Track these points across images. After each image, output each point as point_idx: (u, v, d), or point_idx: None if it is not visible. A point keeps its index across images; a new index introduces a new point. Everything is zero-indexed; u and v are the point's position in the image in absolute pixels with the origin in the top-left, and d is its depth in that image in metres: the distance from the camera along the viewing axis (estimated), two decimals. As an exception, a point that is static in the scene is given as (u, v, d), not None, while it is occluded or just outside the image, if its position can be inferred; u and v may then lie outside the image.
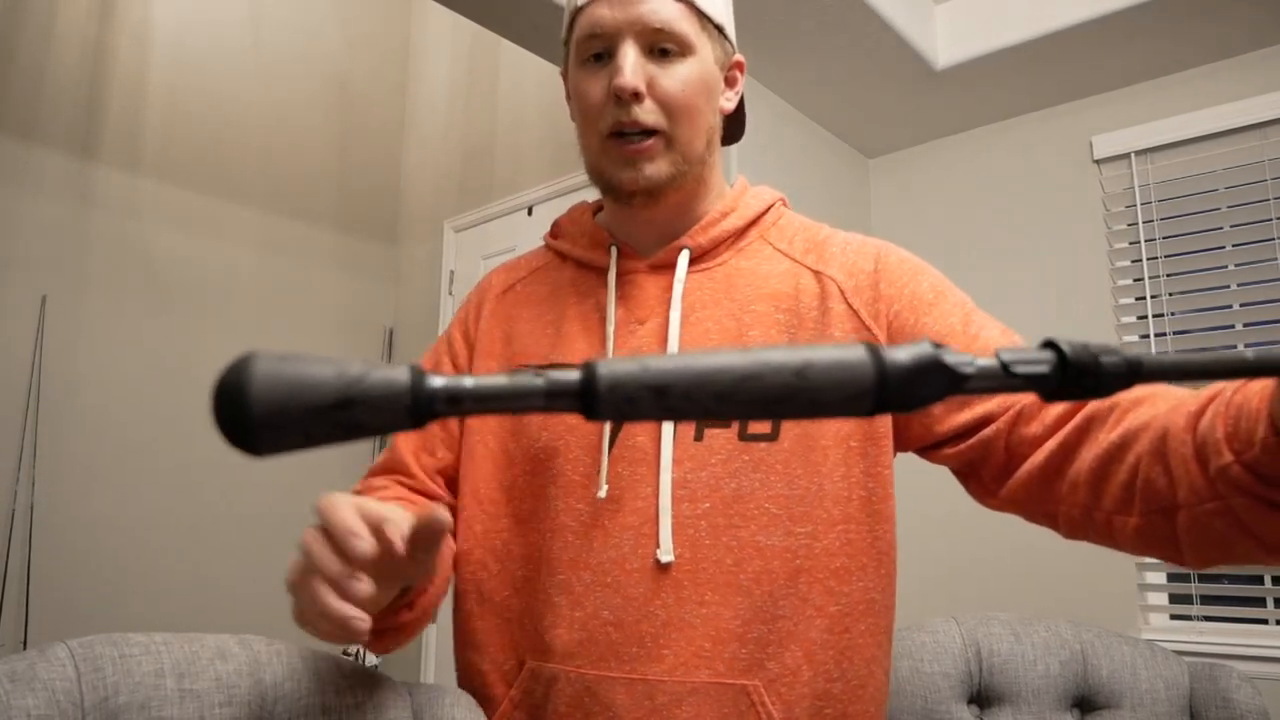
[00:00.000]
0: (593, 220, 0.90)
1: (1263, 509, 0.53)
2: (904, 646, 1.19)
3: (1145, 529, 0.62)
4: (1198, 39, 2.31)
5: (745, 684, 0.73)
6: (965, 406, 0.76)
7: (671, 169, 0.79)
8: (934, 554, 2.60)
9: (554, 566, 0.77)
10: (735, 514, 0.75)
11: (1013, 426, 0.72)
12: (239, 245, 3.22)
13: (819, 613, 0.75)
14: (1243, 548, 0.57)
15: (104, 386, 2.83)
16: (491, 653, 0.81)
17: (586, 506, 0.77)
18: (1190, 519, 0.58)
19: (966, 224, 2.81)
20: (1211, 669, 1.22)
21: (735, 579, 0.74)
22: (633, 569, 0.75)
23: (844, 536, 0.77)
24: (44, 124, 2.78)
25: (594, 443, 0.78)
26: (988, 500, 0.77)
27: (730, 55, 0.85)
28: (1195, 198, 2.40)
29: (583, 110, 0.81)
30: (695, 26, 0.79)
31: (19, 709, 0.59)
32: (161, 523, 2.90)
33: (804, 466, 0.77)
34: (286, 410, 0.25)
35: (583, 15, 0.79)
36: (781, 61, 2.43)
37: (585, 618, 0.75)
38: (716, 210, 0.86)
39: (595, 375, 0.27)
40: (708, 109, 0.81)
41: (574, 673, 0.74)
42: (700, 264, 0.84)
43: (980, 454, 0.75)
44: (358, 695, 0.76)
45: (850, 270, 0.83)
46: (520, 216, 3.21)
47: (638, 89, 0.76)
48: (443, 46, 3.70)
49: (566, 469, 0.79)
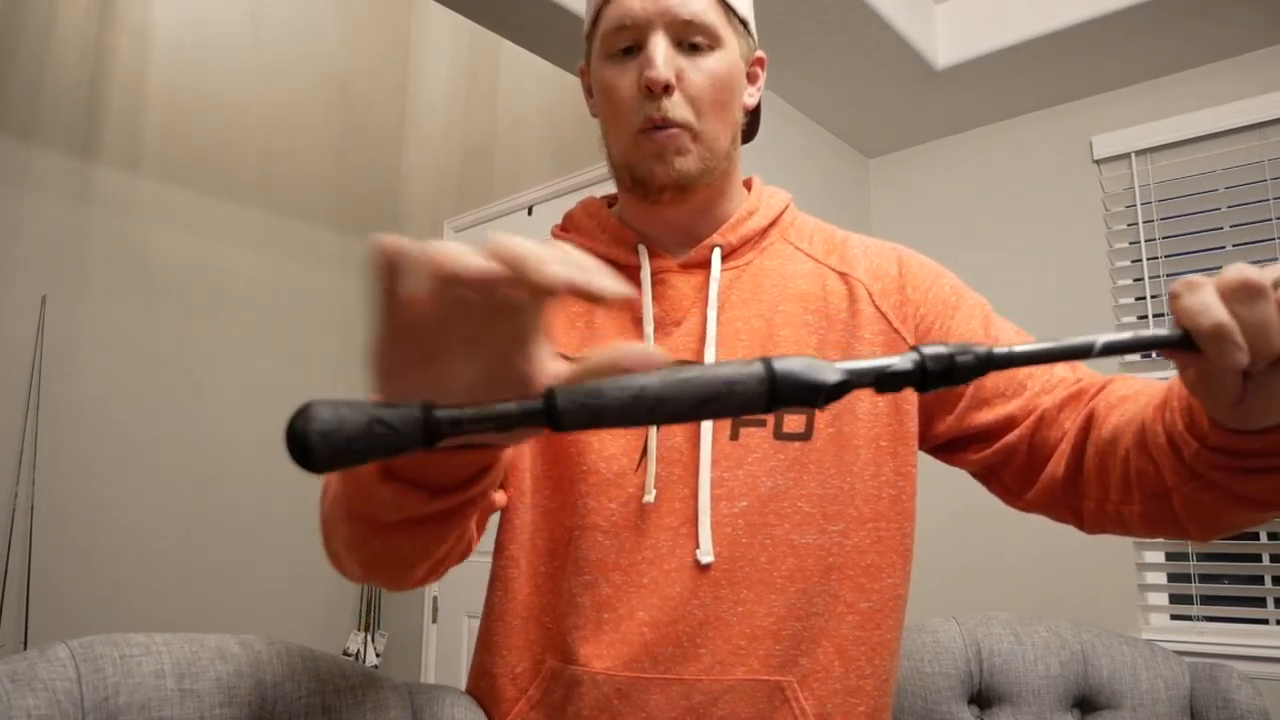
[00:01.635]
0: (612, 216, 0.88)
1: (1242, 476, 0.58)
2: (904, 646, 1.19)
3: (1148, 514, 0.67)
4: (1198, 39, 2.31)
5: (780, 680, 0.73)
6: (985, 406, 0.78)
7: (700, 164, 0.78)
8: (935, 554, 2.60)
9: (580, 566, 0.76)
10: (771, 512, 0.76)
11: (1035, 430, 0.76)
12: (239, 245, 3.22)
13: (850, 609, 0.76)
14: (1236, 512, 0.61)
15: (104, 386, 2.83)
16: (503, 654, 0.80)
17: (620, 507, 0.76)
18: (1183, 499, 0.63)
19: (966, 224, 2.81)
20: (1212, 669, 1.22)
21: (770, 577, 0.75)
22: (670, 569, 0.74)
23: (874, 534, 0.78)
24: (44, 124, 2.78)
25: (630, 443, 0.78)
26: (1014, 502, 0.80)
27: (753, 50, 0.84)
28: (1195, 198, 2.40)
29: (611, 105, 0.79)
30: (722, 19, 0.78)
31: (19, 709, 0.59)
32: (161, 522, 2.90)
33: (837, 465, 0.77)
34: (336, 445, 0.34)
35: (610, 7, 0.78)
36: (781, 61, 2.43)
37: (617, 619, 0.74)
38: (743, 209, 0.85)
39: (555, 401, 0.36)
40: (734, 104, 0.81)
41: (602, 675, 0.73)
42: (729, 263, 0.84)
43: (1003, 458, 0.78)
44: (358, 695, 0.76)
45: (875, 273, 0.84)
46: (520, 216, 3.21)
47: (670, 81, 0.75)
48: (443, 46, 3.70)
49: (600, 466, 0.77)
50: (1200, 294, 0.46)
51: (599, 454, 0.78)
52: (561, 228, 0.91)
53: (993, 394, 0.78)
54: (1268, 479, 0.57)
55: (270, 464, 3.13)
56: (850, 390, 0.39)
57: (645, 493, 0.76)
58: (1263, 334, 0.45)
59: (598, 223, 0.87)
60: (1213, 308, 0.46)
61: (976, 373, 0.41)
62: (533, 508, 0.81)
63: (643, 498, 0.76)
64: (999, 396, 0.78)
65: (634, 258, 0.84)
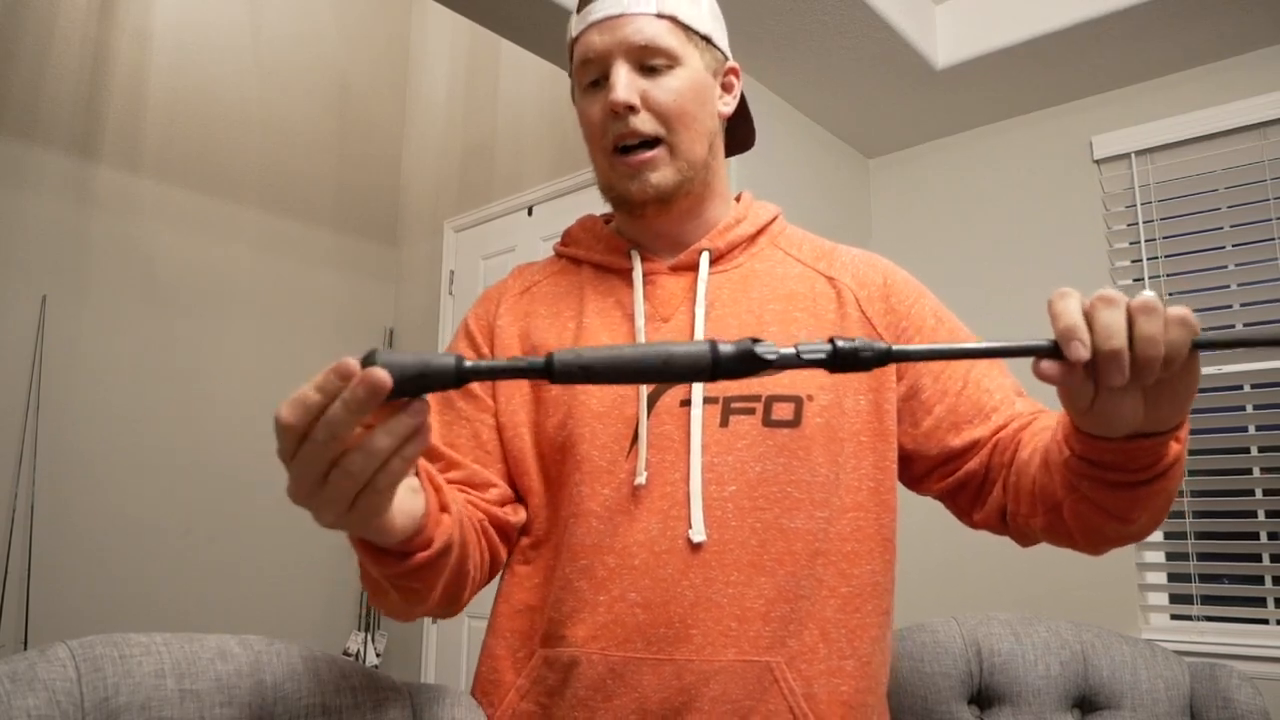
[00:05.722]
0: (608, 229, 0.94)
1: (1096, 485, 0.66)
2: (904, 646, 1.19)
3: (1049, 526, 0.75)
4: (1198, 39, 2.31)
5: (769, 661, 0.76)
6: (955, 430, 0.84)
7: (677, 175, 0.84)
8: (935, 554, 2.60)
9: (576, 552, 0.80)
10: (760, 496, 0.79)
11: (990, 458, 0.83)
12: (239, 245, 3.22)
13: (832, 594, 0.79)
14: (1108, 526, 0.69)
15: (104, 386, 2.83)
16: (505, 638, 0.83)
17: (613, 493, 0.80)
18: (1070, 509, 0.70)
19: (966, 224, 2.81)
20: (1212, 669, 1.22)
21: (760, 559, 0.78)
22: (662, 551, 0.77)
23: (855, 523, 0.82)
24: (44, 124, 2.78)
25: (621, 431, 0.81)
26: (965, 520, 0.88)
27: (723, 62, 0.90)
28: (1195, 198, 2.40)
29: (587, 131, 0.87)
30: (681, 39, 0.84)
31: (19, 709, 0.59)
32: (161, 522, 2.90)
33: (825, 454, 0.81)
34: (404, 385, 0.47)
35: (577, 45, 0.85)
36: (781, 61, 2.43)
37: (610, 601, 0.77)
38: (730, 217, 0.91)
39: (552, 359, 0.49)
40: (703, 114, 0.86)
41: (597, 655, 0.76)
42: (718, 266, 0.89)
43: (962, 483, 0.85)
44: (358, 695, 0.76)
45: (862, 281, 0.89)
46: (520, 216, 3.21)
47: (630, 103, 0.81)
48: (443, 46, 3.70)
49: (593, 455, 0.81)
50: (1067, 301, 0.54)
51: (591, 443, 0.81)
52: (561, 243, 0.97)
53: (963, 418, 0.85)
54: (1126, 494, 0.65)
55: (270, 464, 3.13)
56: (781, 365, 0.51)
57: (636, 476, 0.79)
58: (1106, 335, 0.52)
59: (594, 235, 0.94)
60: (1072, 313, 0.53)
61: (878, 362, 0.52)
62: (537, 493, 0.86)
63: (634, 482, 0.79)
64: (967, 422, 0.84)
65: (627, 262, 0.89)
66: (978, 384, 0.85)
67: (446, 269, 3.45)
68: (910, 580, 2.81)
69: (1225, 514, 2.29)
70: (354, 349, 3.51)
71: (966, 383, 0.86)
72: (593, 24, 0.83)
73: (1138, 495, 0.65)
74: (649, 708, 0.74)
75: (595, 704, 0.76)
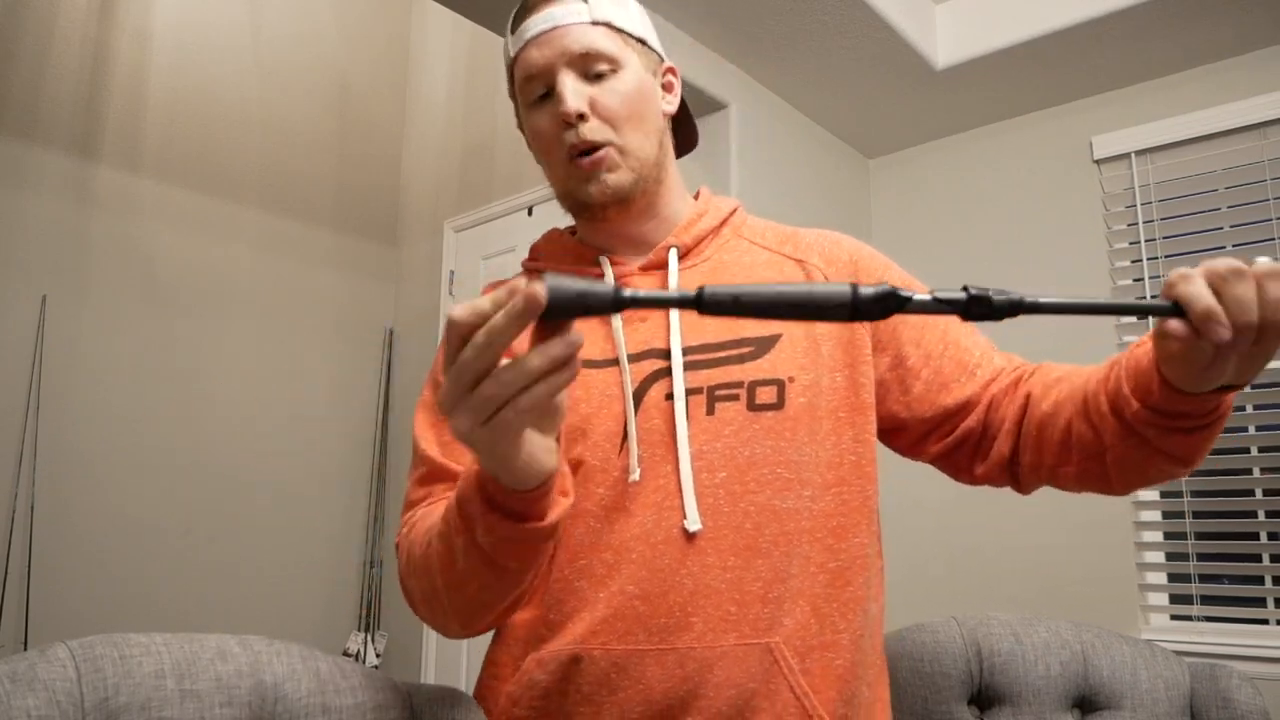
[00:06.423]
0: (574, 239, 0.95)
1: (1166, 433, 0.71)
2: (904, 646, 1.19)
3: (1082, 473, 0.79)
4: (1198, 39, 2.31)
5: (769, 642, 0.77)
6: (944, 389, 0.88)
7: (632, 174, 0.86)
8: (935, 554, 2.60)
9: (575, 551, 0.80)
10: (750, 480, 0.80)
11: (986, 414, 0.87)
12: (239, 245, 3.22)
13: (821, 569, 0.81)
14: (1158, 466, 0.74)
15: (104, 386, 2.83)
16: (508, 643, 0.84)
17: (607, 491, 0.80)
18: (1115, 456, 0.75)
19: (966, 224, 2.81)
20: (1212, 669, 1.22)
21: (756, 542, 0.79)
22: (658, 542, 0.78)
23: (839, 498, 0.84)
24: (44, 124, 2.79)
25: (611, 429, 0.82)
26: (963, 477, 0.91)
27: (660, 63, 0.92)
28: (1195, 198, 2.40)
29: (541, 144, 0.87)
30: (618, 43, 0.86)
31: (19, 709, 0.59)
32: (161, 522, 2.90)
33: (809, 433, 0.83)
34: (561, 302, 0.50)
35: (518, 64, 0.86)
36: (781, 61, 2.43)
37: (610, 596, 0.78)
38: (692, 212, 0.93)
39: (703, 291, 0.52)
40: (649, 114, 0.88)
41: (599, 650, 0.77)
42: (687, 261, 0.91)
43: (960, 441, 0.89)
44: (358, 695, 0.76)
45: (829, 258, 0.92)
46: (520, 216, 3.21)
47: (581, 110, 0.82)
48: (443, 46, 3.70)
49: (586, 455, 0.82)
50: (1196, 285, 0.57)
51: (584, 445, 0.82)
52: (530, 258, 0.98)
53: (950, 378, 0.88)
54: (1188, 438, 0.70)
55: (271, 464, 3.13)
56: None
57: (630, 473, 0.80)
58: (1240, 310, 0.56)
59: (560, 247, 0.95)
60: (1205, 296, 0.57)
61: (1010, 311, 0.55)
62: None
63: (628, 479, 0.80)
64: (954, 381, 0.88)
65: (597, 268, 0.91)
66: (957, 343, 0.90)
67: (446, 269, 3.45)
68: (910, 580, 2.82)
69: (1225, 514, 2.29)
70: (354, 349, 3.52)
71: (946, 344, 0.90)
72: (530, 40, 0.85)
73: (1207, 438, 0.70)
74: (654, 698, 0.75)
75: (600, 699, 0.76)
